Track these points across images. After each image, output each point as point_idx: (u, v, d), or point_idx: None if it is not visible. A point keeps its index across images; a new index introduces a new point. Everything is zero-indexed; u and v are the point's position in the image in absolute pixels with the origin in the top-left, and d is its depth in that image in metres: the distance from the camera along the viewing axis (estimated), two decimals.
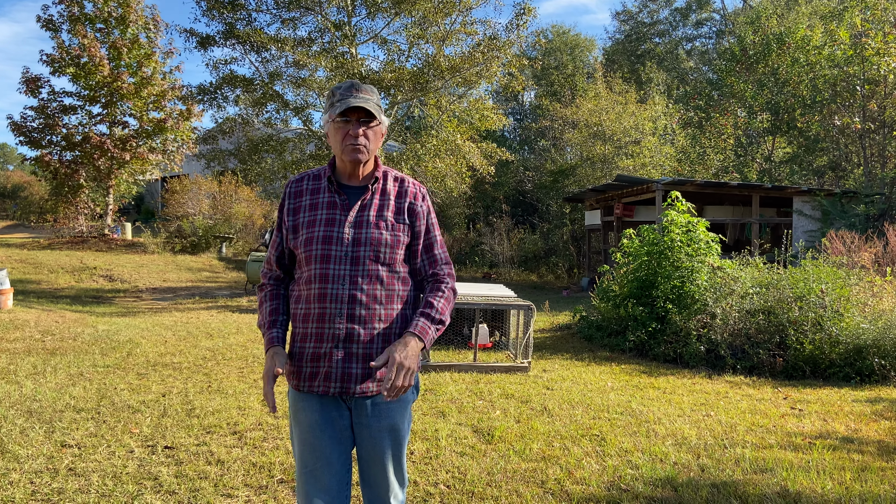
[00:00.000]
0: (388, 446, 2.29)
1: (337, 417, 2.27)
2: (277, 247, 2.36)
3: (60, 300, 12.74)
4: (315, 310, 2.22)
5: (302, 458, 2.28)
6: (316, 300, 2.22)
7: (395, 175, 2.38)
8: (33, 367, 6.80)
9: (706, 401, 6.02)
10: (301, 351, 2.25)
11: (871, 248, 9.87)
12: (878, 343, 6.93)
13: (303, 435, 2.27)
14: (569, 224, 23.35)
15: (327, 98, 2.29)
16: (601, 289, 9.66)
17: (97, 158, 21.19)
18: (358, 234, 2.24)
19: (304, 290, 2.26)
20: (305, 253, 2.24)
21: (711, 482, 3.97)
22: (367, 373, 2.23)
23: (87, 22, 21.66)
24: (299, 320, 2.27)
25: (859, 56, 16.04)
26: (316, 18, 16.19)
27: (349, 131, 2.23)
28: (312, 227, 2.25)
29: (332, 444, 2.26)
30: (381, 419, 2.27)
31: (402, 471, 2.37)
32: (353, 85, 2.25)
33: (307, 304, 2.24)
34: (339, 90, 2.25)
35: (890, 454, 4.53)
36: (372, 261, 2.23)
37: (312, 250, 2.22)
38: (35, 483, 3.78)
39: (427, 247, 2.37)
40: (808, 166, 19.99)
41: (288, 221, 2.32)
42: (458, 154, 16.59)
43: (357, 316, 2.20)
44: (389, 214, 2.29)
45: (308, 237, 2.24)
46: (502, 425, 5.03)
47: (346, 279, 2.20)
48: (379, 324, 2.23)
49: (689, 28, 37.47)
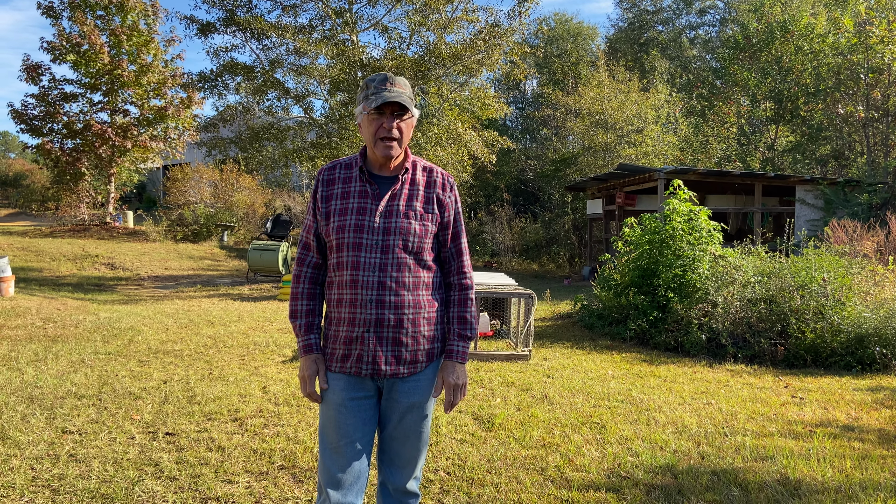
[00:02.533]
0: (415, 422, 2.42)
1: (364, 398, 2.37)
2: (312, 230, 2.42)
3: (62, 288, 12.76)
4: (347, 295, 2.31)
5: (327, 435, 2.36)
6: (348, 286, 2.31)
7: (424, 165, 2.46)
8: (35, 354, 6.81)
9: (707, 389, 6.02)
10: (335, 334, 2.36)
11: (874, 237, 9.84)
12: (880, 332, 6.92)
13: (329, 412, 2.36)
14: (570, 213, 23.30)
15: (361, 90, 2.33)
16: (602, 278, 9.65)
17: (98, 146, 21.15)
18: (388, 223, 2.31)
19: (335, 275, 2.36)
20: (338, 240, 2.31)
21: (712, 470, 3.97)
22: (397, 355, 2.35)
23: (87, 9, 21.56)
24: (333, 304, 2.37)
25: (863, 44, 15.94)
26: (317, 5, 16.09)
27: (383, 124, 2.28)
28: (344, 215, 2.32)
29: (358, 423, 2.35)
30: (411, 396, 2.40)
31: (424, 452, 2.50)
32: (386, 78, 2.29)
33: (339, 290, 2.34)
34: (373, 82, 2.30)
35: (890, 442, 4.53)
36: (401, 249, 2.31)
37: (345, 238, 2.30)
38: (36, 469, 3.79)
39: (455, 236, 2.47)
40: (811, 155, 19.91)
41: (322, 208, 2.38)
42: (459, 142, 16.53)
43: (387, 302, 2.30)
44: (419, 204, 2.37)
45: (340, 225, 2.31)
46: (503, 413, 5.03)
47: (377, 267, 2.29)
48: (408, 309, 2.34)
49: (692, 16, 37.20)
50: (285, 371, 6.35)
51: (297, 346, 2.28)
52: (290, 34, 15.14)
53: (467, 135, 16.48)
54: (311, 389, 2.37)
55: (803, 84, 18.24)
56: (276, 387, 5.73)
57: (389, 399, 2.40)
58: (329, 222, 2.34)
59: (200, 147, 17.24)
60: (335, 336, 2.36)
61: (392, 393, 2.39)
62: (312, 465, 3.93)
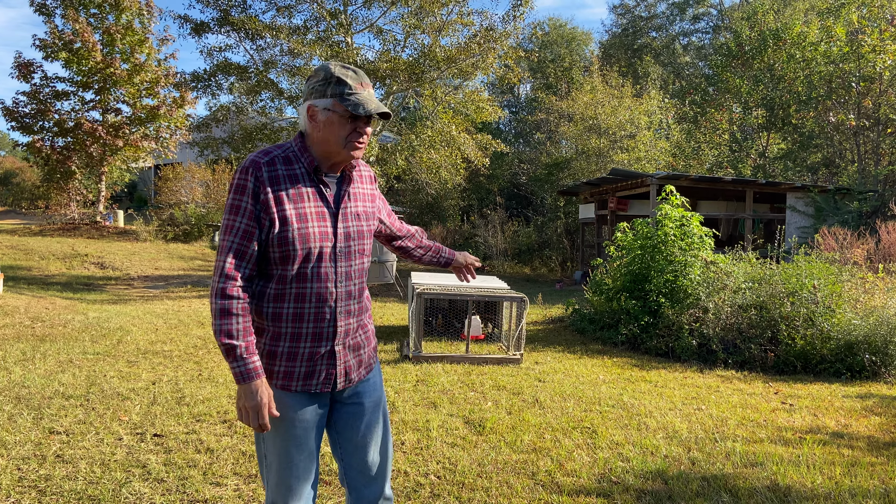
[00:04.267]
0: (381, 420, 2.39)
1: (322, 414, 2.27)
2: (254, 237, 2.06)
3: (51, 287, 12.66)
4: (311, 309, 2.13)
5: (288, 454, 2.19)
6: (313, 300, 2.13)
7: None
8: (22, 354, 6.75)
9: (697, 395, 6.03)
10: (292, 351, 2.14)
11: (864, 244, 9.90)
12: (869, 339, 6.95)
13: (291, 431, 2.18)
14: (563, 217, 23.35)
15: (325, 81, 2.10)
16: (594, 282, 9.66)
17: (89, 145, 21.02)
18: (347, 227, 2.19)
19: (291, 287, 2.11)
20: (303, 250, 2.08)
21: (702, 475, 3.97)
22: (359, 359, 2.29)
23: (80, 7, 21.43)
24: (289, 320, 2.12)
25: (855, 53, 16.06)
26: (311, 6, 16.07)
27: (357, 128, 2.13)
28: (305, 221, 2.08)
29: (317, 440, 2.26)
30: (373, 392, 2.36)
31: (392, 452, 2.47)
32: (357, 73, 2.15)
33: (299, 304, 2.12)
34: (345, 77, 2.11)
35: (880, 449, 4.55)
36: (359, 254, 2.24)
37: (311, 247, 2.09)
38: (22, 469, 3.75)
39: (390, 214, 2.56)
40: (802, 163, 20.03)
41: (274, 212, 2.05)
42: (453, 145, 16.55)
43: (352, 311, 2.22)
44: (368, 204, 2.30)
45: (303, 233, 2.07)
46: (494, 417, 5.02)
47: (344, 276, 2.17)
48: (363, 312, 2.31)
49: (685, 23, 37.44)
50: None
51: (236, 370, 1.98)
52: (285, 35, 15.12)
53: (461, 138, 16.50)
54: (271, 415, 2.09)
55: (795, 92, 18.35)
56: None
57: (353, 406, 2.30)
58: (285, 230, 2.05)
59: (192, 147, 17.19)
60: (292, 353, 2.14)
61: (355, 398, 2.30)
62: None
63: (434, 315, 8.74)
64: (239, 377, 2.02)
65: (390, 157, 16.28)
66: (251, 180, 2.05)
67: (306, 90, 2.17)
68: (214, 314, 2.02)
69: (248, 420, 2.05)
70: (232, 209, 2.05)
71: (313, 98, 2.12)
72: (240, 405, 2.05)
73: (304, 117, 2.16)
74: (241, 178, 2.05)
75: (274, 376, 2.15)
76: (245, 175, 2.05)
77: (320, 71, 2.15)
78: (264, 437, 2.19)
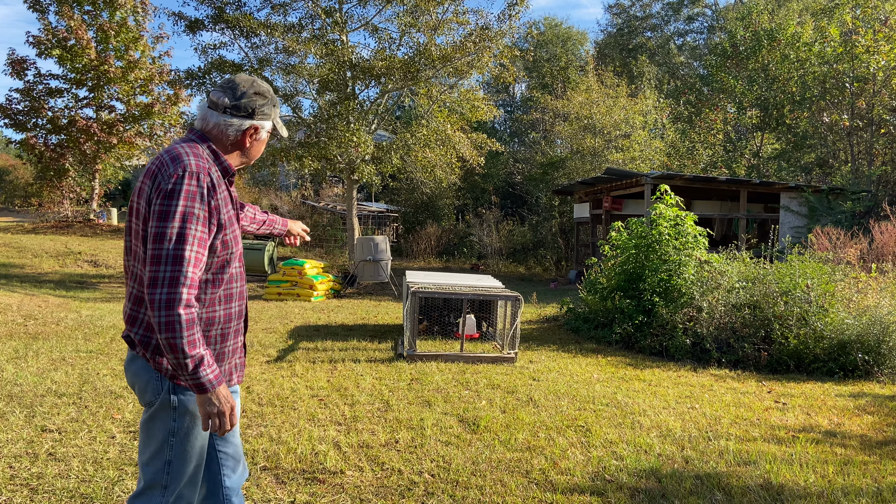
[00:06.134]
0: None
1: None
2: (207, 244, 2.08)
3: (44, 285, 12.61)
4: (235, 308, 2.26)
5: (199, 458, 2.23)
6: (237, 298, 2.27)
7: None
8: (15, 352, 6.72)
9: (691, 393, 6.04)
10: (224, 350, 2.24)
11: (857, 244, 9.94)
12: (862, 338, 6.98)
13: (204, 436, 2.23)
14: (558, 216, 23.37)
15: (271, 102, 2.29)
16: (589, 281, 9.67)
17: (83, 142, 20.93)
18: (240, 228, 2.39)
19: (227, 289, 2.21)
20: (237, 251, 2.24)
21: (695, 474, 3.98)
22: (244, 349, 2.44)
23: (74, 4, 21.34)
24: (220, 321, 2.20)
25: (849, 53, 16.11)
26: (307, 4, 16.03)
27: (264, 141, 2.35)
28: (233, 224, 2.22)
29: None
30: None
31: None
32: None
33: (229, 304, 2.23)
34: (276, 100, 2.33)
35: (872, 448, 4.57)
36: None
37: (237, 248, 2.24)
38: (14, 467, 3.74)
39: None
40: (796, 163, 20.10)
41: (221, 216, 2.13)
42: (448, 144, 16.53)
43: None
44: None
45: (234, 235, 2.22)
46: (488, 415, 5.02)
47: (245, 273, 2.35)
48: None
49: (680, 23, 37.52)
50: (269, 371, 6.31)
51: (204, 379, 1.96)
52: (280, 33, 15.08)
53: (456, 136, 16.48)
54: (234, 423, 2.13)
55: (789, 92, 18.41)
56: (259, 387, 5.68)
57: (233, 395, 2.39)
58: (225, 233, 2.15)
59: None
60: (229, 352, 2.26)
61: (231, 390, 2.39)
62: (296, 466, 3.90)
63: (429, 314, 8.74)
64: (208, 385, 2.00)
65: (385, 155, 16.25)
66: (205, 187, 2.06)
67: (247, 106, 2.22)
68: (176, 326, 1.93)
69: (217, 426, 2.05)
70: (186, 217, 2.00)
71: (258, 119, 2.25)
72: (209, 412, 2.02)
73: (234, 129, 2.22)
74: (193, 185, 2.03)
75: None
76: (196, 181, 2.04)
77: (262, 93, 2.26)
78: (182, 441, 2.16)
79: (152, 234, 1.98)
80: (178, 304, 1.94)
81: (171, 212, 1.98)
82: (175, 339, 1.94)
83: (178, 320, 1.94)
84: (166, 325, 1.93)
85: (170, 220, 1.97)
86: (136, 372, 2.17)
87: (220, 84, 2.26)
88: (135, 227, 2.11)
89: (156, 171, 2.07)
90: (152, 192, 2.04)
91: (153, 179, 2.06)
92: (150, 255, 1.97)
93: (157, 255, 1.96)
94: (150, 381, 2.13)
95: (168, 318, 1.93)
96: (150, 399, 2.15)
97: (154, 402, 2.14)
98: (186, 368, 1.96)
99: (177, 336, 1.94)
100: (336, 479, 3.75)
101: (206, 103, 2.26)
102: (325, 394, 5.55)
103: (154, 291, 1.94)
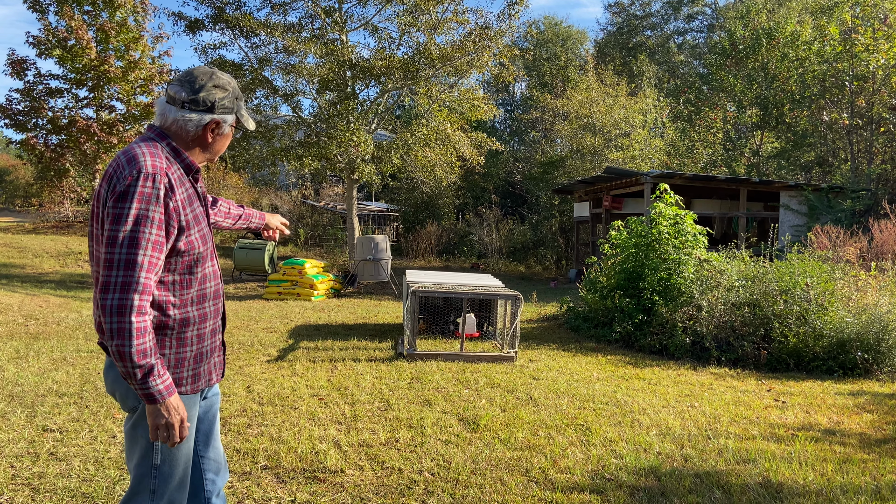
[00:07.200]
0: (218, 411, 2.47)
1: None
2: (164, 249, 2.00)
3: (45, 285, 12.62)
4: (211, 308, 2.21)
5: (190, 453, 2.22)
6: (212, 299, 2.21)
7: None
8: (16, 352, 6.74)
9: (691, 392, 6.05)
10: (200, 352, 2.19)
11: (857, 243, 9.94)
12: (862, 337, 6.99)
13: (192, 431, 2.21)
14: (557, 216, 23.39)
15: (232, 96, 2.19)
16: (588, 280, 9.68)
17: (83, 142, 20.93)
18: (211, 226, 2.35)
19: (198, 290, 2.16)
20: (205, 251, 2.15)
21: (695, 472, 4.00)
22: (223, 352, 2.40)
23: (74, 4, 21.34)
24: (196, 322, 2.15)
25: (848, 52, 16.11)
26: (306, 4, 16.05)
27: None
28: (200, 223, 2.14)
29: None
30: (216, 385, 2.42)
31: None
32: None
33: (203, 304, 2.17)
34: (240, 93, 2.26)
35: (871, 446, 4.58)
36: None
37: (207, 248, 2.17)
38: (15, 467, 3.75)
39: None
40: (795, 161, 20.11)
41: (182, 218, 2.05)
42: (448, 144, 16.55)
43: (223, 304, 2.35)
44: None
45: (202, 234, 2.14)
46: (488, 414, 5.03)
47: (219, 272, 2.30)
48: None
49: (680, 22, 37.52)
50: (270, 371, 6.32)
51: (154, 389, 1.90)
52: (279, 32, 15.10)
53: (456, 136, 16.50)
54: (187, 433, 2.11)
55: (789, 91, 18.41)
56: (260, 386, 5.70)
57: (210, 401, 2.37)
58: (189, 234, 2.08)
59: None
60: (199, 355, 2.19)
61: (211, 392, 2.38)
62: (296, 466, 3.91)
63: (428, 313, 8.75)
64: (158, 395, 1.94)
65: (385, 155, 16.27)
66: (161, 188, 1.99)
67: (206, 100, 2.13)
68: (125, 334, 1.87)
69: (167, 437, 2.00)
70: (139, 220, 1.92)
71: (219, 113, 2.16)
72: (157, 423, 1.96)
73: (193, 125, 2.13)
74: (148, 187, 1.95)
75: (183, 383, 2.14)
76: (153, 183, 1.97)
77: (221, 85, 2.17)
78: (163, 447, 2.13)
79: (105, 237, 1.92)
80: (129, 311, 1.88)
81: (125, 215, 1.91)
82: (124, 346, 1.87)
83: (127, 328, 1.87)
84: (117, 331, 1.87)
85: (122, 223, 1.91)
86: (115, 378, 2.11)
87: (177, 77, 2.16)
88: (96, 233, 2.03)
89: (112, 173, 2.00)
90: (108, 194, 1.97)
91: (109, 182, 1.99)
92: (104, 260, 1.91)
93: (110, 259, 1.90)
94: (130, 388, 2.06)
95: (119, 325, 1.87)
96: (133, 405, 2.10)
97: (136, 407, 2.09)
98: (135, 377, 1.90)
99: (125, 344, 1.87)
100: (336, 478, 3.76)
101: (164, 98, 2.15)
102: (326, 393, 5.56)
103: (105, 297, 1.88)
